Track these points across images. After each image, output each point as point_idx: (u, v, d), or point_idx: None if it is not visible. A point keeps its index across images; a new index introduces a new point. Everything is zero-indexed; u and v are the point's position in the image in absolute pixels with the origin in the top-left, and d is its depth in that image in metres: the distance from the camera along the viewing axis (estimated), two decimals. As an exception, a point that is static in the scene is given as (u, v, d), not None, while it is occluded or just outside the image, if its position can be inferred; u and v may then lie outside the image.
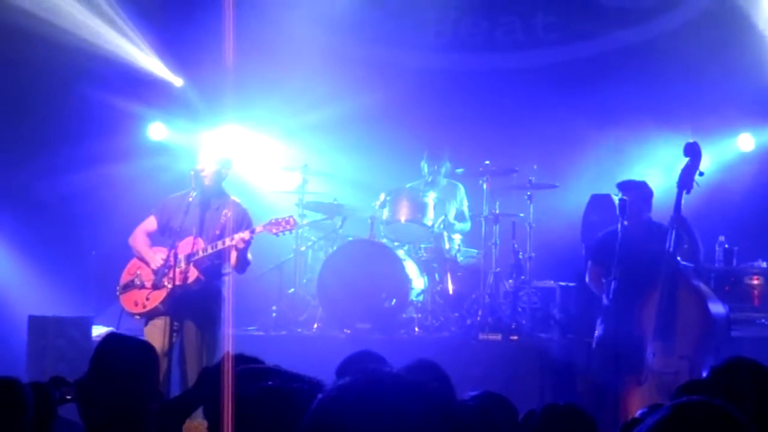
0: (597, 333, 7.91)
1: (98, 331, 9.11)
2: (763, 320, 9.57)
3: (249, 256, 7.74)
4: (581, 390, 8.29)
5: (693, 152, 7.64)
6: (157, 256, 7.78)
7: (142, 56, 11.06)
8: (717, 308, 7.50)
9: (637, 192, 8.04)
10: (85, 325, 9.18)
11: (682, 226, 7.61)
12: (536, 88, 11.11)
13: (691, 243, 7.74)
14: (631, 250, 7.59)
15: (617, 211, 7.79)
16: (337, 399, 1.78)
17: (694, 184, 7.55)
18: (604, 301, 7.82)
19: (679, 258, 7.53)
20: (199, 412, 4.12)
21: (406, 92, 11.10)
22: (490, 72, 11.47)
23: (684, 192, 7.55)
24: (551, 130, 10.93)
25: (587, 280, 8.29)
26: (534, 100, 11.10)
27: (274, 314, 9.89)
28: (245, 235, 7.57)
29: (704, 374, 7.20)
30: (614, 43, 11.14)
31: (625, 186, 8.02)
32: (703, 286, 7.63)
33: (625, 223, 7.64)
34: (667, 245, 7.48)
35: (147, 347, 4.17)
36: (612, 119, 10.83)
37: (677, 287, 7.44)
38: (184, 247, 7.62)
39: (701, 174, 7.59)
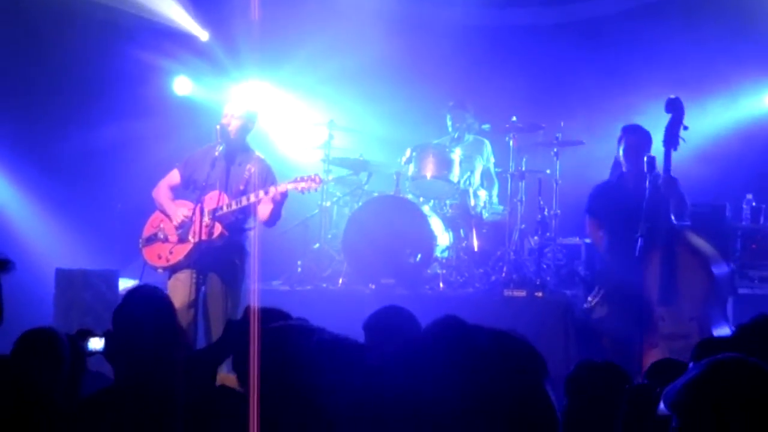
0: (601, 292, 7.89)
1: (124, 284, 9.16)
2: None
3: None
4: (606, 346, 8.27)
5: (675, 108, 7.56)
6: (179, 211, 7.79)
7: (169, 8, 11.01)
8: (719, 265, 7.45)
9: (641, 136, 7.99)
10: (112, 278, 9.23)
11: (672, 186, 7.54)
12: (564, 44, 11.02)
13: (679, 203, 7.67)
14: (630, 200, 7.56)
15: (624, 166, 7.77)
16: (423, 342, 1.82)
17: (680, 140, 7.47)
18: (603, 254, 7.80)
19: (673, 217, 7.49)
20: (226, 364, 4.14)
21: (433, 47, 11.03)
22: (518, 27, 11.39)
23: (671, 149, 7.47)
24: (579, 86, 10.86)
25: (587, 233, 8.27)
26: (562, 56, 11.02)
27: (299, 269, 9.92)
28: (283, 187, 7.58)
29: (714, 332, 7.19)
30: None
31: (630, 129, 7.99)
32: (701, 245, 7.56)
33: (624, 170, 7.63)
34: (663, 207, 7.42)
35: (165, 299, 4.19)
36: (640, 76, 10.73)
37: (676, 251, 7.39)
38: (209, 201, 7.63)
39: (686, 128, 7.51)
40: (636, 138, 7.99)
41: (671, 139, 7.46)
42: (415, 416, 1.79)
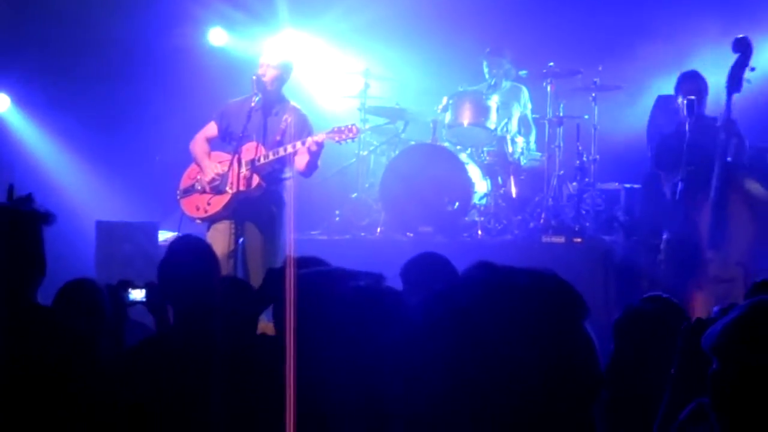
0: (665, 236, 7.82)
1: (164, 236, 9.23)
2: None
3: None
4: (646, 291, 8.24)
5: (742, 47, 7.41)
6: (211, 167, 7.81)
7: None
8: None
9: (701, 83, 7.91)
10: (151, 230, 9.30)
11: (732, 129, 7.44)
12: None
13: (738, 146, 7.58)
14: (698, 149, 7.48)
15: (684, 111, 7.66)
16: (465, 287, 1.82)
17: (744, 82, 7.35)
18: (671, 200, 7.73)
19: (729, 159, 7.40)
20: (266, 313, 4.17)
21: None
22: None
23: (734, 92, 7.35)
24: (616, 31, 10.70)
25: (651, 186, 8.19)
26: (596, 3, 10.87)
27: (337, 218, 9.95)
28: (320, 137, 7.58)
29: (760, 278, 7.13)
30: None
31: (690, 76, 7.89)
32: (756, 189, 7.48)
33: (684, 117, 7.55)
34: (719, 150, 7.33)
35: (209, 250, 4.22)
36: (681, 19, 10.57)
37: (729, 193, 7.32)
38: (247, 152, 7.65)
39: (752, 69, 7.37)
40: (696, 85, 7.89)
41: (735, 80, 7.33)
42: (456, 367, 1.79)
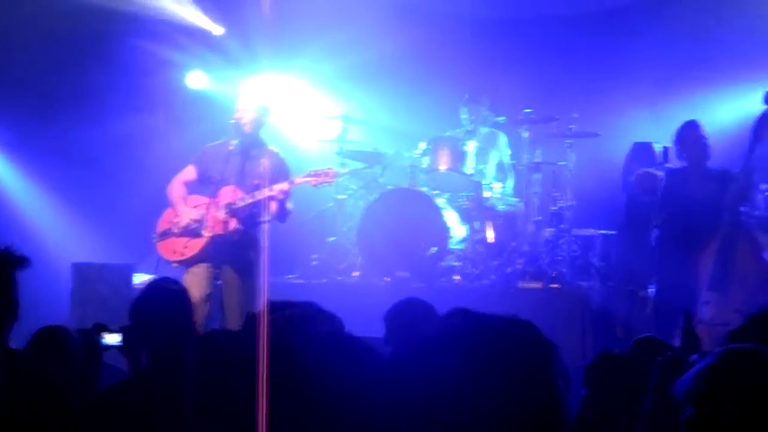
0: (651, 288, 7.86)
1: (139, 278, 9.19)
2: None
3: (289, 205, 7.76)
4: (622, 337, 8.27)
5: None
6: (186, 213, 7.80)
7: (182, 6, 11.03)
8: None
9: (702, 132, 8.01)
10: (127, 272, 9.26)
11: (748, 175, 7.53)
12: (578, 36, 10.97)
13: (751, 193, 7.68)
14: (683, 195, 7.55)
15: (660, 159, 7.75)
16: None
17: None
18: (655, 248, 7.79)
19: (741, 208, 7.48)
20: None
21: (447, 40, 11.01)
22: (531, 19, 11.34)
23: (758, 141, 7.43)
24: (592, 78, 10.81)
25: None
26: (576, 47, 10.98)
27: (314, 262, 9.93)
28: (284, 186, 7.59)
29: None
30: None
31: (693, 125, 8.00)
32: (763, 239, 7.55)
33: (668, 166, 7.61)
34: (730, 195, 7.40)
35: (184, 293, 4.21)
36: (655, 68, 10.70)
37: (738, 238, 7.37)
38: (224, 196, 7.66)
39: None
40: (698, 133, 7.99)
41: (760, 131, 7.42)
42: (433, 414, 1.80)
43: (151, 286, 4.22)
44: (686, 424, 2.50)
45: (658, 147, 9.04)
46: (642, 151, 9.44)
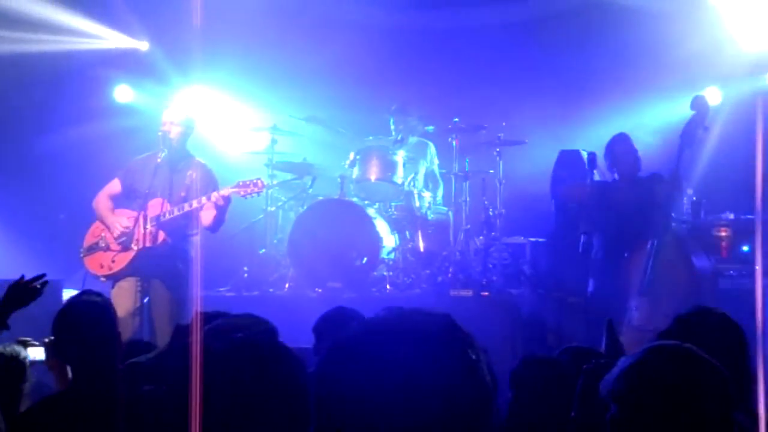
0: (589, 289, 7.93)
1: (68, 294, 9.06)
2: (731, 272, 9.63)
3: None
4: (552, 344, 8.33)
5: (699, 106, 7.55)
6: (117, 222, 7.73)
7: (102, 34, 11.02)
8: (704, 267, 7.51)
9: (631, 144, 8.13)
10: (55, 288, 9.12)
11: (677, 182, 7.62)
12: (506, 45, 11.06)
13: (679, 198, 7.79)
14: (613, 205, 7.64)
15: (587, 165, 7.84)
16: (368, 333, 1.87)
17: (698, 139, 7.54)
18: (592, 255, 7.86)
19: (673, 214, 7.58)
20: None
21: (374, 50, 11.05)
22: (458, 29, 11.42)
23: (686, 148, 7.50)
24: (519, 86, 10.90)
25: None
26: (503, 57, 11.07)
27: (245, 275, 9.88)
28: (224, 192, 7.55)
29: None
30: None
31: (622, 138, 8.10)
32: (691, 243, 7.65)
33: (596, 175, 7.70)
34: (664, 202, 7.49)
35: (107, 305, 4.17)
36: (580, 76, 10.83)
37: (668, 243, 7.45)
38: (152, 209, 7.60)
39: (705, 129, 7.53)
40: (628, 146, 8.10)
41: (689, 137, 7.47)
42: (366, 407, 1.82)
43: (72, 300, 4.17)
44: (610, 423, 2.53)
45: (584, 153, 9.15)
46: (569, 158, 9.55)
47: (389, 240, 9.68)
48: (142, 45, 11.33)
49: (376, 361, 1.83)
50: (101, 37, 11.02)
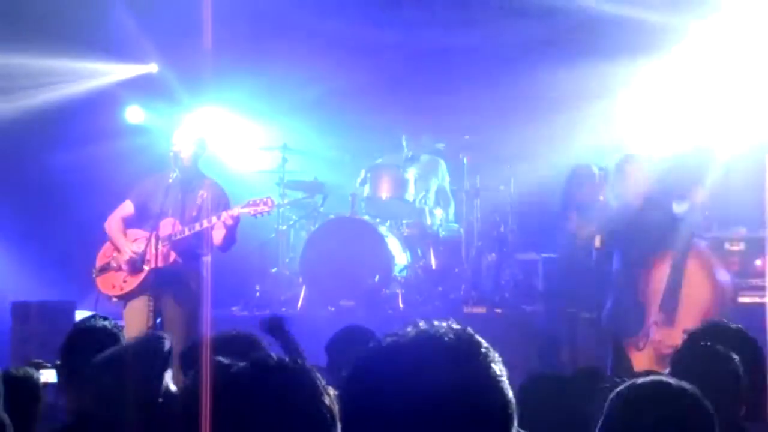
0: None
1: (81, 315, 9.07)
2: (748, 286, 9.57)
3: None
4: (566, 360, 8.30)
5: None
6: (127, 246, 7.71)
7: (109, 69, 11.11)
8: (725, 280, 7.47)
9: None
10: (68, 309, 9.15)
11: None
12: (520, 64, 11.03)
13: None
14: (632, 218, 7.63)
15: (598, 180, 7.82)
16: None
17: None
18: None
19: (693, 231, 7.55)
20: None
21: (385, 69, 11.06)
22: (469, 49, 11.41)
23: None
24: (530, 103, 10.87)
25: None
26: (516, 76, 11.05)
27: (257, 294, 9.89)
28: (234, 211, 7.54)
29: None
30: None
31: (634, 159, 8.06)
32: (712, 258, 7.61)
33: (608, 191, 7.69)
34: (681, 216, 7.47)
35: (115, 328, 4.16)
36: (591, 91, 10.81)
37: (687, 260, 7.42)
38: (164, 228, 7.59)
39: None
40: (635, 166, 8.08)
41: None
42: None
43: (78, 324, 4.17)
44: None
45: (596, 169, 9.12)
46: (581, 173, 9.51)
47: (401, 257, 9.67)
48: (151, 68, 11.36)
49: (400, 379, 1.83)
50: (109, 73, 11.07)
